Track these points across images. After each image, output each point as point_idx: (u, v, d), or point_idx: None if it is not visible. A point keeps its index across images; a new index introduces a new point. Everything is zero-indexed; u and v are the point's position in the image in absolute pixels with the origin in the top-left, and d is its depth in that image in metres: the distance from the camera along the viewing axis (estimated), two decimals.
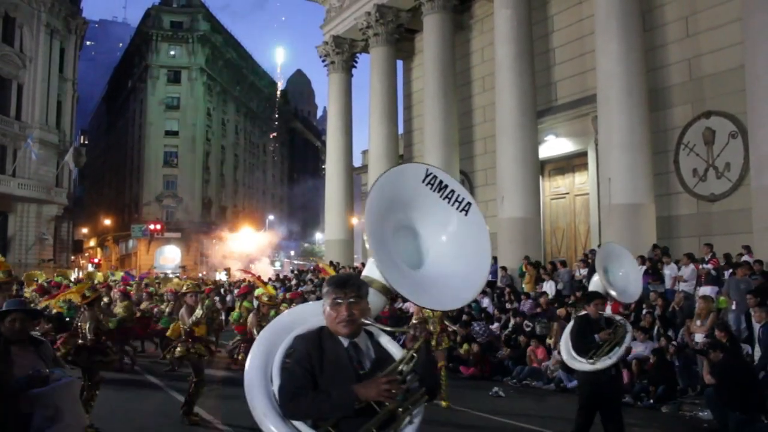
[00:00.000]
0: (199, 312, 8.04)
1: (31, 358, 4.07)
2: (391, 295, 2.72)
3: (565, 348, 6.24)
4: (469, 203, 2.83)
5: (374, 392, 2.34)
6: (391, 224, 2.69)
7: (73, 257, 48.35)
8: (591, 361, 5.88)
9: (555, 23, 19.36)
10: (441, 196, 2.77)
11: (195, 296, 8.30)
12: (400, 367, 2.43)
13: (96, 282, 16.13)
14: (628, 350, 6.38)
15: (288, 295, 17.99)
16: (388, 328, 2.67)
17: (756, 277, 10.99)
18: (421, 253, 2.82)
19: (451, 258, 2.77)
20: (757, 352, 9.23)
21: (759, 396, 7.97)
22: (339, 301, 2.53)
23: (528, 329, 13.19)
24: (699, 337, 10.17)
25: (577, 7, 18.55)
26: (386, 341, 2.66)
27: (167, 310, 13.40)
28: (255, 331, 8.65)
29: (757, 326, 9.39)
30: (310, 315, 2.78)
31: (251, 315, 9.23)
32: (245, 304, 12.74)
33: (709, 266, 12.23)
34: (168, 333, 10.43)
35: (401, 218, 2.74)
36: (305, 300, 15.36)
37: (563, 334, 6.49)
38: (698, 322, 10.30)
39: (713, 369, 8.41)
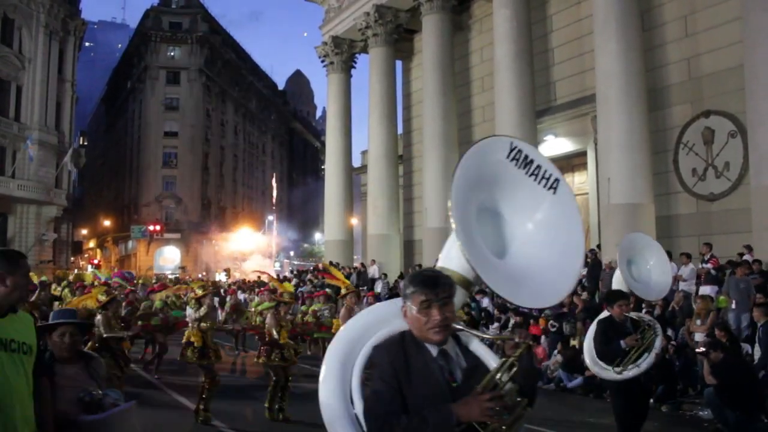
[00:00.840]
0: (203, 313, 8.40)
1: (81, 378, 3.52)
2: (471, 290, 2.47)
3: (589, 354, 5.67)
4: (557, 179, 2.47)
5: (477, 412, 2.03)
6: (474, 206, 2.36)
7: (72, 258, 48.35)
8: (617, 369, 5.31)
9: (554, 23, 19.36)
10: (527, 173, 2.42)
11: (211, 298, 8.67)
12: (497, 377, 2.11)
13: (86, 283, 16.12)
14: (659, 357, 5.79)
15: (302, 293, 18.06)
16: (486, 335, 2.37)
17: (755, 276, 11.00)
18: (505, 240, 2.47)
19: (541, 244, 2.42)
20: (757, 352, 9.24)
21: (759, 395, 7.97)
22: (430, 303, 2.19)
23: (553, 329, 13.03)
24: (699, 337, 10.16)
25: (575, 7, 18.56)
26: (476, 345, 2.34)
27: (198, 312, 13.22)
28: (274, 332, 8.56)
29: (757, 325, 9.39)
30: (387, 318, 2.43)
31: (269, 316, 9.00)
32: (262, 305, 12.74)
33: (709, 266, 12.23)
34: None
35: (484, 199, 2.41)
36: (329, 299, 15.23)
37: (585, 338, 5.91)
38: (698, 322, 10.30)
39: (713, 369, 8.41)
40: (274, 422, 8.33)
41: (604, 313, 5.75)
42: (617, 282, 5.88)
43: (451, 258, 2.42)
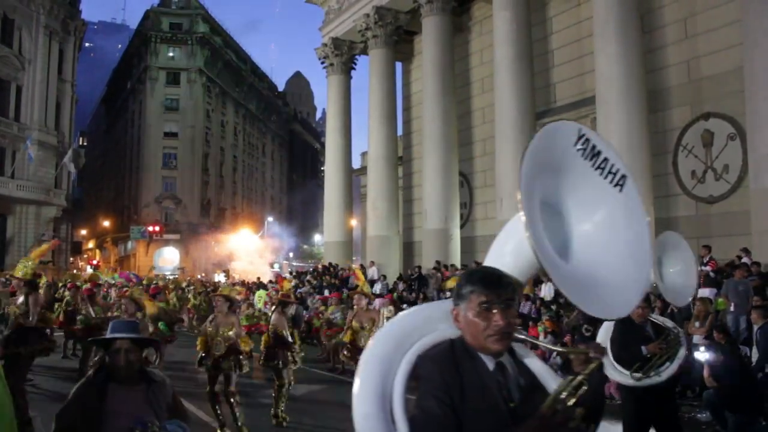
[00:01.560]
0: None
1: (137, 403, 3.01)
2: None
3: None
4: (624, 176, 2.24)
5: None
6: (538, 198, 2.09)
7: (72, 259, 48.33)
8: (636, 375, 5.00)
9: (554, 25, 19.39)
10: (593, 166, 2.18)
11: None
12: (562, 397, 1.80)
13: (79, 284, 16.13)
14: (682, 368, 5.47)
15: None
16: (557, 348, 2.16)
17: (754, 278, 11.01)
18: (564, 239, 2.22)
19: (605, 247, 2.18)
20: (755, 354, 9.24)
21: (757, 397, 7.97)
22: (491, 305, 1.89)
23: (588, 334, 12.89)
24: (697, 339, 10.17)
25: (575, 9, 18.59)
26: (531, 360, 2.06)
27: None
28: (286, 332, 8.37)
29: (755, 328, 9.40)
30: (432, 322, 2.13)
31: (275, 315, 8.69)
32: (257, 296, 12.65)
33: (708, 268, 12.24)
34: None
35: (546, 191, 2.17)
36: (342, 301, 15.06)
37: (598, 339, 5.57)
38: (696, 324, 10.30)
39: (713, 371, 8.41)
40: (282, 428, 8.11)
41: None
42: None
43: (504, 255, 2.17)
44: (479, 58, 22.18)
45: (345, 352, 9.59)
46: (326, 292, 19.38)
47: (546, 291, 14.76)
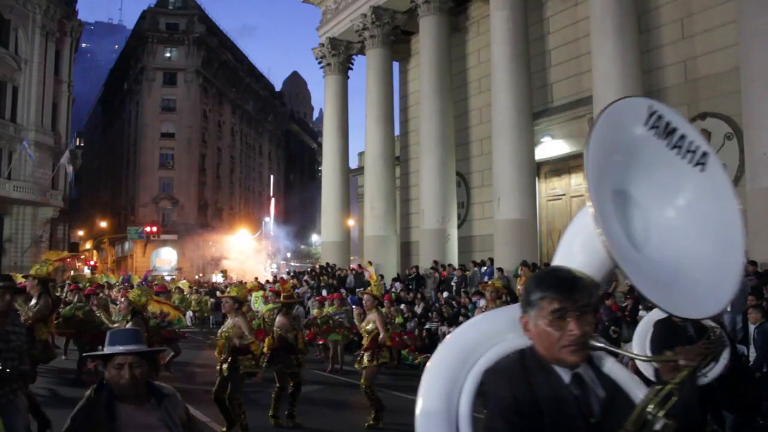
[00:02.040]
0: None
1: (151, 423, 2.67)
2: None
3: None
4: (705, 153, 1.99)
5: None
6: (609, 186, 1.86)
7: (69, 260, 48.22)
8: None
9: (551, 25, 19.41)
10: (668, 145, 1.94)
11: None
12: (649, 409, 1.62)
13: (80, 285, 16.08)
14: (727, 368, 5.32)
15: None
16: (641, 356, 1.91)
17: (751, 278, 11.03)
18: (640, 230, 1.97)
19: (689, 236, 1.95)
20: (752, 354, 9.26)
21: (755, 397, 7.98)
22: (565, 312, 1.70)
23: (615, 335, 12.86)
24: None
25: (572, 9, 18.61)
26: (612, 366, 1.84)
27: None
28: (289, 336, 8.29)
29: (752, 327, 9.42)
30: (500, 332, 1.93)
31: (280, 317, 8.53)
32: (265, 307, 12.45)
33: None
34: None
35: (616, 178, 1.92)
36: (343, 302, 14.86)
37: (635, 340, 5.35)
38: None
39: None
40: (282, 429, 8.14)
41: (658, 313, 5.09)
42: None
43: (573, 254, 1.97)
44: (476, 58, 22.19)
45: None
46: (324, 293, 19.37)
47: None
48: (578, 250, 1.97)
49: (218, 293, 22.61)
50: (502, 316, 2.03)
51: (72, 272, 32.60)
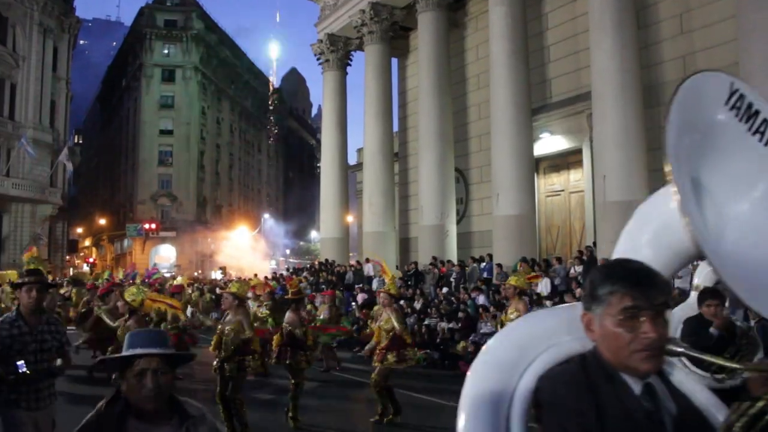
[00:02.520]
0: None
1: None
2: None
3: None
4: None
5: None
6: (687, 173, 1.63)
7: (68, 257, 48.24)
8: (719, 377, 4.35)
9: (549, 20, 19.38)
10: (750, 129, 1.73)
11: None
12: (735, 428, 1.43)
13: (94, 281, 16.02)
14: None
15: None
16: (734, 364, 1.69)
17: None
18: (714, 224, 1.73)
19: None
20: None
21: None
22: (638, 311, 1.46)
23: None
24: None
25: (571, 4, 18.58)
26: (682, 377, 1.66)
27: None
28: (297, 331, 8.13)
29: (752, 323, 9.42)
30: (554, 332, 1.72)
31: (289, 312, 8.39)
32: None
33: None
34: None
35: (692, 160, 1.69)
36: (334, 300, 14.36)
37: None
38: None
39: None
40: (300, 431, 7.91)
41: (690, 310, 4.85)
42: (704, 277, 4.89)
43: (639, 247, 1.76)
44: (475, 54, 22.16)
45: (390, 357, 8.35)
46: (323, 288, 19.37)
47: (542, 287, 14.78)
48: (646, 243, 1.76)
49: (218, 290, 22.62)
50: (557, 314, 1.82)
51: (72, 270, 32.59)
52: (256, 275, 28.30)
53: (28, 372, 4.13)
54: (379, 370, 8.24)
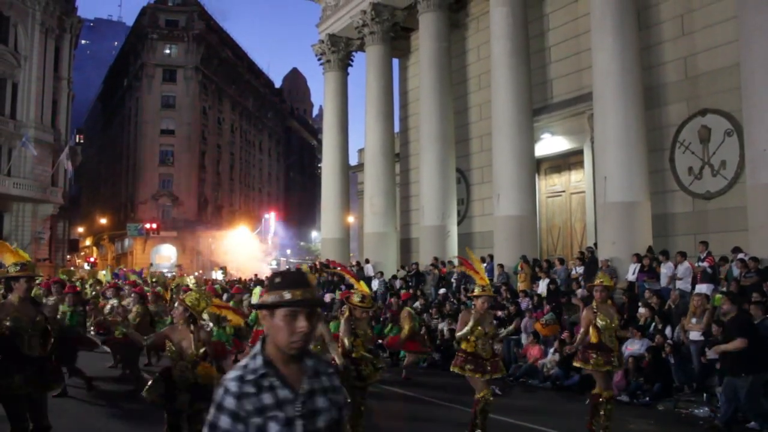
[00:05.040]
0: None
1: None
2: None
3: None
4: None
5: None
6: None
7: (69, 256, 48.26)
8: None
9: (550, 21, 19.37)
10: None
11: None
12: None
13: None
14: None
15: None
16: None
17: (752, 274, 11.02)
18: None
19: None
20: None
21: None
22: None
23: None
24: (694, 335, 10.20)
25: (572, 5, 18.56)
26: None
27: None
28: (346, 341, 6.94)
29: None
30: None
31: (343, 321, 7.26)
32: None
33: (705, 264, 12.25)
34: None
35: None
36: (416, 299, 14.12)
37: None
38: (693, 320, 10.32)
39: (728, 325, 8.48)
40: None
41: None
42: None
43: None
44: (476, 55, 22.16)
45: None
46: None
47: (543, 288, 14.78)
48: None
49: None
50: None
51: (72, 269, 32.58)
52: (256, 275, 28.35)
53: None
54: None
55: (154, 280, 20.75)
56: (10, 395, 5.47)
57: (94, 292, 16.38)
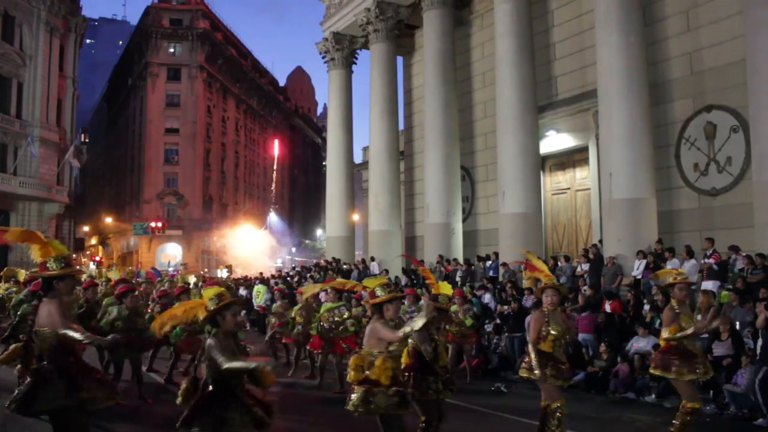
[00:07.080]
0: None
1: None
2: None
3: None
4: None
5: None
6: None
7: (74, 255, 48.41)
8: None
9: (555, 18, 19.32)
10: None
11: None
12: None
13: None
14: None
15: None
16: None
17: (757, 271, 10.99)
18: None
19: None
20: (759, 345, 9.23)
21: None
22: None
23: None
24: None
25: (577, 1, 18.50)
26: None
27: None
28: (428, 348, 6.01)
29: (761, 318, 9.38)
30: None
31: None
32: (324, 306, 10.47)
33: (711, 261, 12.22)
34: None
35: None
36: (418, 299, 13.73)
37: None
38: (699, 317, 10.28)
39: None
40: None
41: None
42: None
43: None
44: (480, 52, 22.11)
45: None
46: None
47: None
48: None
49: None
50: None
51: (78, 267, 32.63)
52: (261, 273, 28.39)
53: None
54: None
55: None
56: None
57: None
